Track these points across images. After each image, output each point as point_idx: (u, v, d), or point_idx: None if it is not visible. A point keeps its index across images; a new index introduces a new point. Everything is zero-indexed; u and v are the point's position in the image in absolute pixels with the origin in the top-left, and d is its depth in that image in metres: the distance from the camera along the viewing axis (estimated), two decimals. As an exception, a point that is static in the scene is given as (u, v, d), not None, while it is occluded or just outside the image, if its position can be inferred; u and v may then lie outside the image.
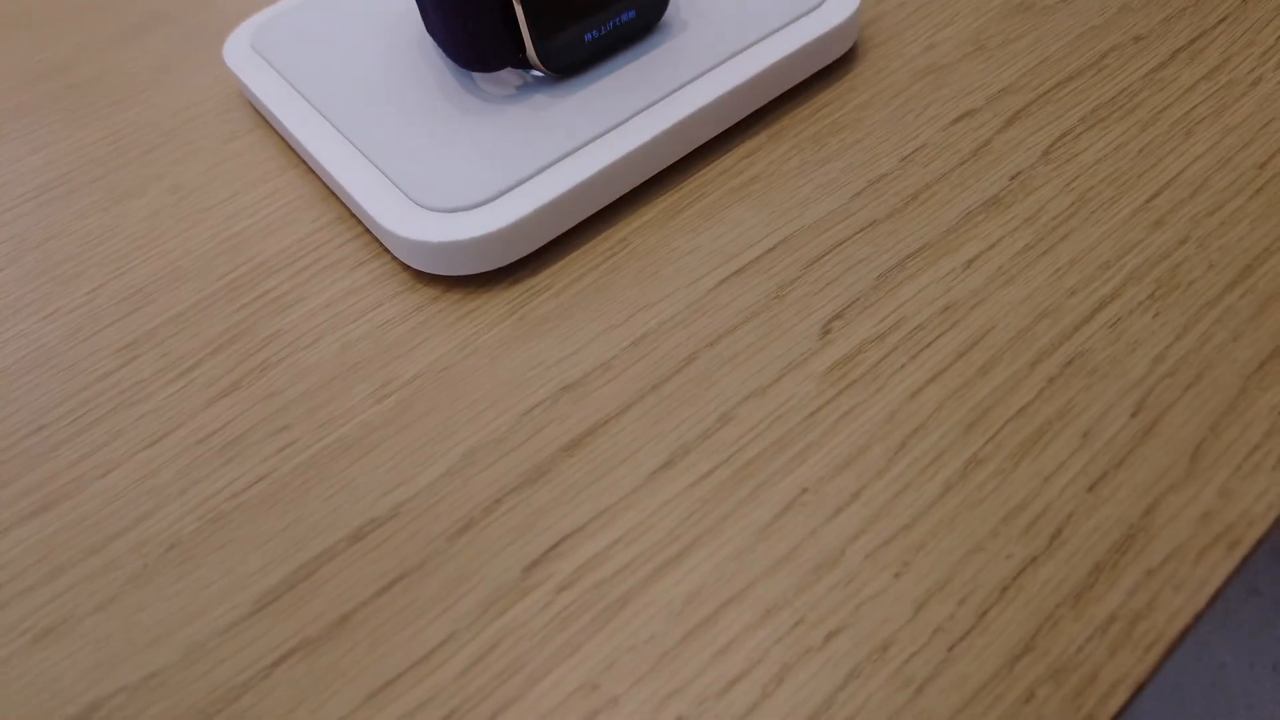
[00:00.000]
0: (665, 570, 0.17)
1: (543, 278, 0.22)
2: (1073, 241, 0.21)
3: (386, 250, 0.23)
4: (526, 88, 0.23)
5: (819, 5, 0.25)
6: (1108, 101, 0.24)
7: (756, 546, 0.17)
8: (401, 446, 0.19)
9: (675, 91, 0.23)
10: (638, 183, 0.23)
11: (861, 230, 0.22)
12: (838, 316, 0.20)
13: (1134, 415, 0.18)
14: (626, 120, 0.22)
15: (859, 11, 0.25)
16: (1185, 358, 0.18)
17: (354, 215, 0.24)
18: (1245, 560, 0.16)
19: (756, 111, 0.25)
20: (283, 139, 0.27)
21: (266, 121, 0.27)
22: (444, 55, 0.25)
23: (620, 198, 0.23)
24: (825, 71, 0.26)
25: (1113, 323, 0.19)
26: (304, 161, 0.26)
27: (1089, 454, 0.17)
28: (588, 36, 0.23)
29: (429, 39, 0.26)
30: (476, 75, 0.24)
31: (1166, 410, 0.18)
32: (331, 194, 0.25)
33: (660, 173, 0.24)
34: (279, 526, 0.18)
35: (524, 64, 0.23)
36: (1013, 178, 0.22)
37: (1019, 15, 0.27)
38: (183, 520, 0.18)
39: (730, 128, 0.24)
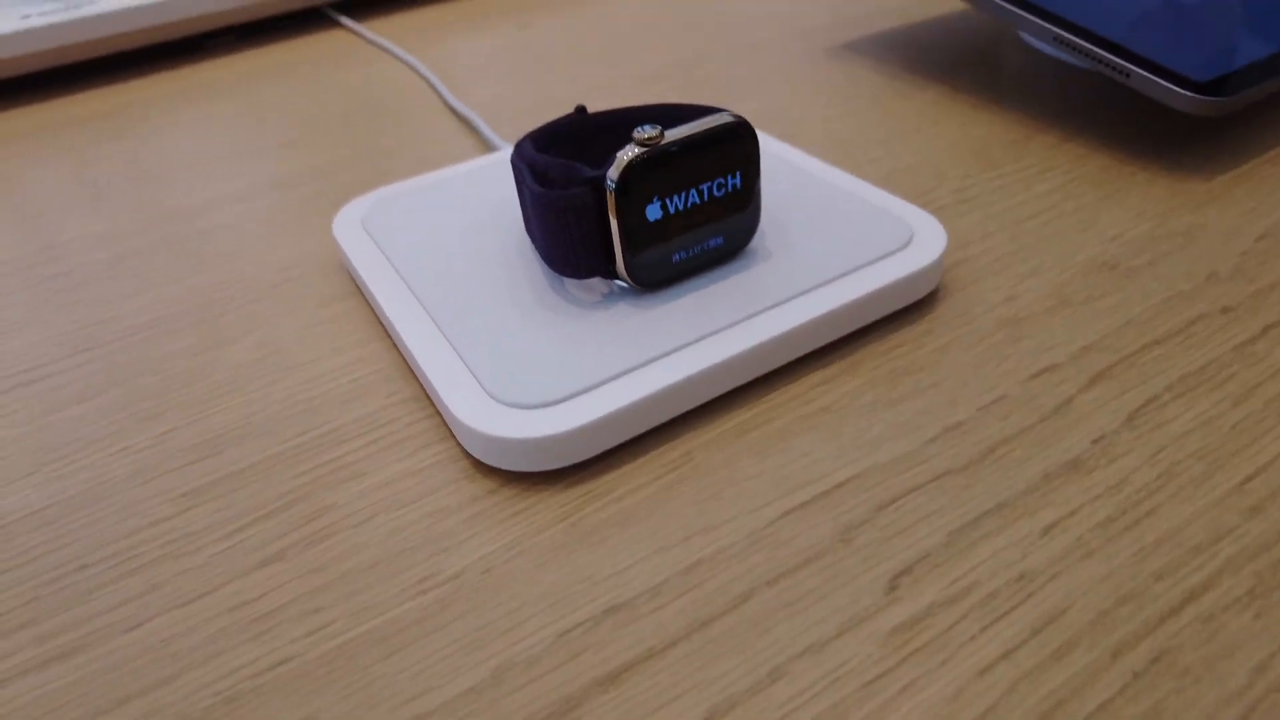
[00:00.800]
0: (693, 844, 0.15)
1: (601, 483, 0.21)
2: (1159, 519, 0.20)
3: (452, 435, 0.23)
4: (612, 296, 0.24)
5: (904, 246, 0.25)
6: (1196, 370, 0.23)
7: (797, 831, 0.15)
8: (431, 650, 0.18)
9: (753, 316, 0.23)
10: (707, 399, 0.23)
11: (935, 479, 0.21)
12: (906, 572, 0.19)
13: (1233, 736, 0.16)
14: (702, 339, 0.23)
15: (943, 256, 0.25)
16: (1290, 674, 0.17)
17: (427, 395, 0.24)
18: None
19: (833, 342, 0.25)
20: (373, 311, 0.28)
21: (360, 291, 0.29)
22: (539, 256, 0.26)
23: (689, 411, 0.23)
24: (905, 311, 0.26)
25: (1206, 618, 0.18)
26: (389, 335, 0.27)
27: (1181, 776, 0.15)
28: (675, 257, 0.24)
29: (527, 239, 0.27)
30: (567, 280, 0.25)
31: (1271, 736, 0.16)
32: (410, 372, 0.25)
33: (730, 391, 0.24)
34: (292, 722, 0.17)
35: (613, 275, 0.24)
36: (1095, 441, 0.22)
37: (1104, 273, 0.27)
38: (198, 694, 0.18)
39: (805, 355, 0.25)
